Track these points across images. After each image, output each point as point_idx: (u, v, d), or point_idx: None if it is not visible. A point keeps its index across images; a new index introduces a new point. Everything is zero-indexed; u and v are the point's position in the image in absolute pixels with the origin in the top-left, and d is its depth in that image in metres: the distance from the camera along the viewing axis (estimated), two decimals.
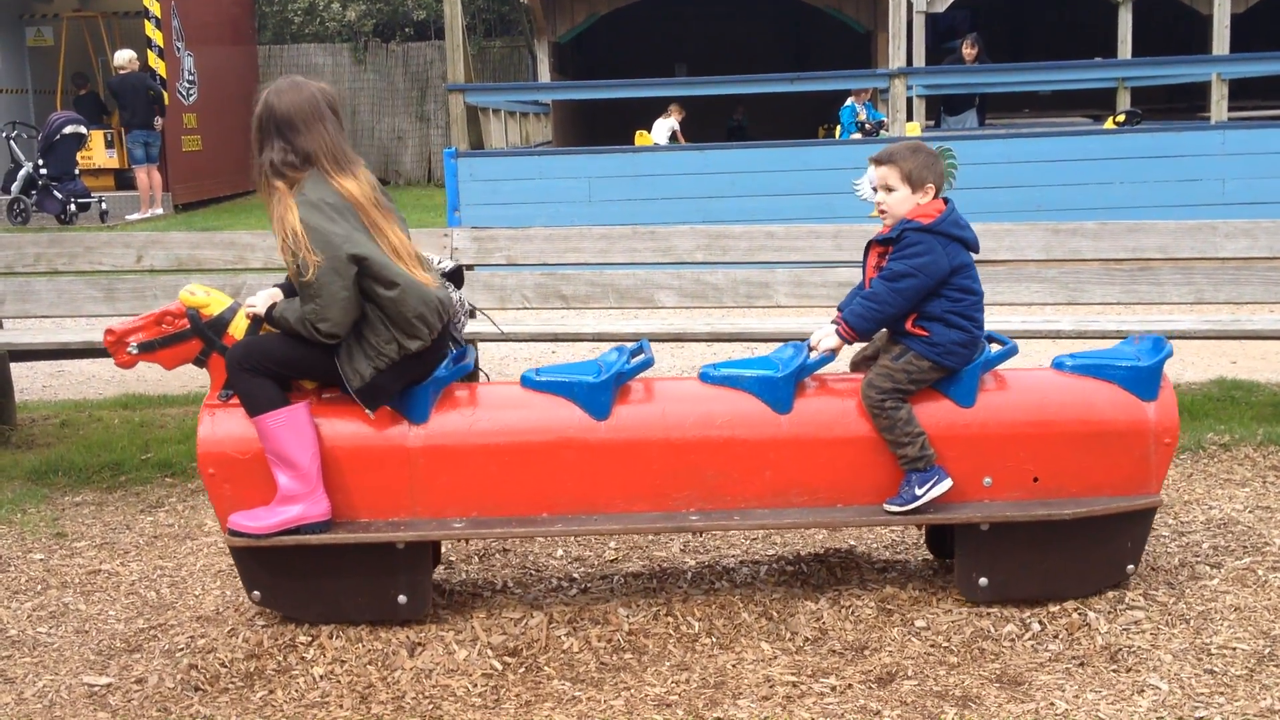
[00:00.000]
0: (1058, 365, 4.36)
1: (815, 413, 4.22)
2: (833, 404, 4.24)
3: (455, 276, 4.42)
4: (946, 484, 4.13)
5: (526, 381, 4.27)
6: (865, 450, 4.19)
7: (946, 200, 4.25)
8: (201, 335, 4.12)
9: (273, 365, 4.03)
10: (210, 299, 4.15)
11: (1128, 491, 4.24)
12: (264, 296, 4.15)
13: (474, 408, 4.21)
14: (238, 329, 4.12)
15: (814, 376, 4.31)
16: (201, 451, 4.12)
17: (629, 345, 4.42)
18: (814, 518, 4.20)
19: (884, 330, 4.29)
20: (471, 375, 4.35)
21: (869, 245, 4.32)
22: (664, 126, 17.82)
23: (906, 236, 4.15)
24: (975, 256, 4.26)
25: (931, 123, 15.84)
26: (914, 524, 4.32)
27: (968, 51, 15.10)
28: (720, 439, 4.18)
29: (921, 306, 4.15)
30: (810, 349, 4.28)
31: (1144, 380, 4.23)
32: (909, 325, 4.17)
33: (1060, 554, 4.21)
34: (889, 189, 4.22)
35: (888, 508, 4.16)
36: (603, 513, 4.20)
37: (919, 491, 4.12)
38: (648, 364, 4.32)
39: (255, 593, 4.20)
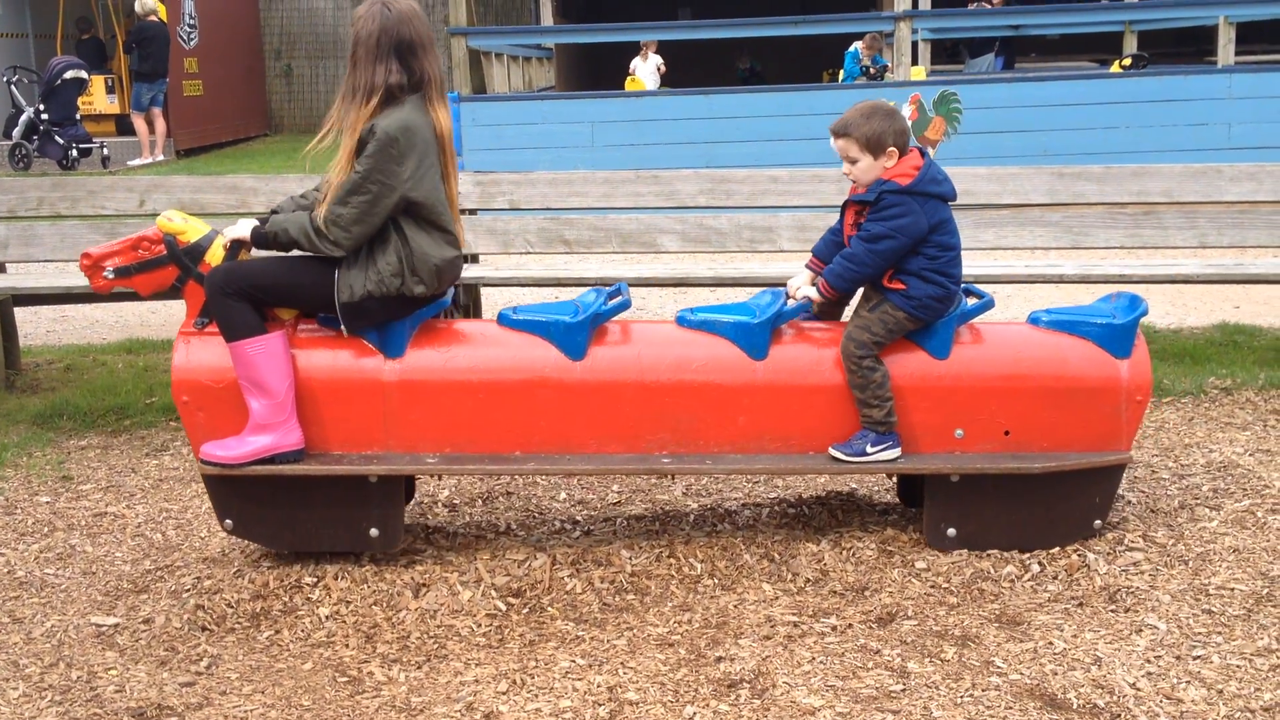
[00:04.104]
0: (1033, 320, 4.36)
1: (791, 360, 4.22)
2: (808, 352, 4.24)
3: None
4: (896, 452, 4.16)
5: (503, 320, 4.28)
6: (839, 398, 4.19)
7: (923, 153, 4.21)
8: (178, 262, 4.12)
9: (254, 290, 4.03)
10: (188, 226, 4.14)
11: (1099, 447, 4.24)
12: (244, 225, 4.14)
13: (450, 344, 4.22)
14: (214, 257, 4.11)
15: (791, 324, 4.31)
16: (176, 379, 4.14)
17: (607, 287, 4.43)
18: (786, 464, 4.22)
19: None
20: (448, 311, 4.37)
21: (846, 204, 4.30)
22: (647, 69, 17.67)
23: (885, 199, 4.10)
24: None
25: (938, 67, 15.74)
26: (885, 473, 4.34)
27: None
28: (695, 383, 4.19)
29: (899, 263, 4.14)
30: (788, 296, 4.28)
31: (1118, 338, 4.22)
32: (885, 280, 4.17)
33: (1029, 507, 4.22)
34: (852, 160, 4.17)
35: (833, 452, 4.17)
36: (576, 453, 4.21)
37: (870, 450, 4.14)
38: (624, 306, 4.33)
39: (228, 521, 4.22)
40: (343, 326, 4.09)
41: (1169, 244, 6.39)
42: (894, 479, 4.78)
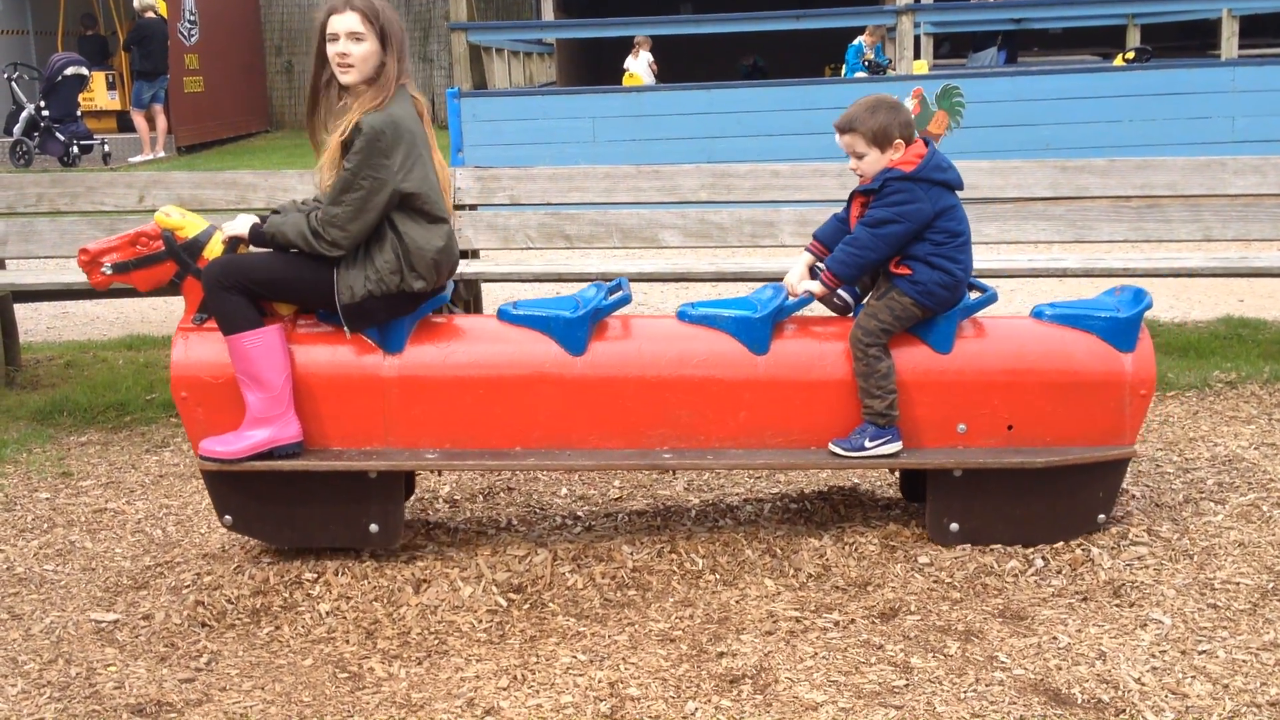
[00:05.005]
0: (1037, 314, 4.33)
1: (792, 355, 4.20)
2: (810, 346, 4.22)
3: None
4: (896, 446, 4.13)
5: (503, 315, 4.26)
6: (841, 393, 4.17)
7: (926, 142, 4.21)
8: (176, 258, 4.11)
9: (252, 284, 4.02)
10: (186, 221, 4.13)
11: (1102, 442, 4.22)
12: (244, 221, 4.14)
13: (450, 339, 4.20)
14: (213, 252, 4.09)
15: (792, 318, 4.29)
16: (175, 375, 4.13)
17: (607, 282, 4.40)
18: (788, 459, 4.20)
19: None
20: (449, 306, 4.37)
21: (852, 195, 4.29)
22: (640, 65, 17.65)
23: (889, 185, 4.10)
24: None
25: (941, 61, 15.73)
26: (887, 468, 4.32)
27: None
28: (696, 378, 4.17)
29: (905, 249, 4.12)
30: (789, 292, 4.26)
31: (1122, 331, 4.19)
32: (892, 266, 4.15)
33: (1032, 502, 4.20)
34: (859, 155, 4.17)
35: (832, 448, 4.15)
36: (577, 448, 4.19)
37: (868, 444, 4.11)
38: (625, 301, 4.31)
39: (227, 517, 4.21)
40: (345, 327, 4.08)
41: (1173, 237, 6.36)
42: (896, 474, 4.75)
